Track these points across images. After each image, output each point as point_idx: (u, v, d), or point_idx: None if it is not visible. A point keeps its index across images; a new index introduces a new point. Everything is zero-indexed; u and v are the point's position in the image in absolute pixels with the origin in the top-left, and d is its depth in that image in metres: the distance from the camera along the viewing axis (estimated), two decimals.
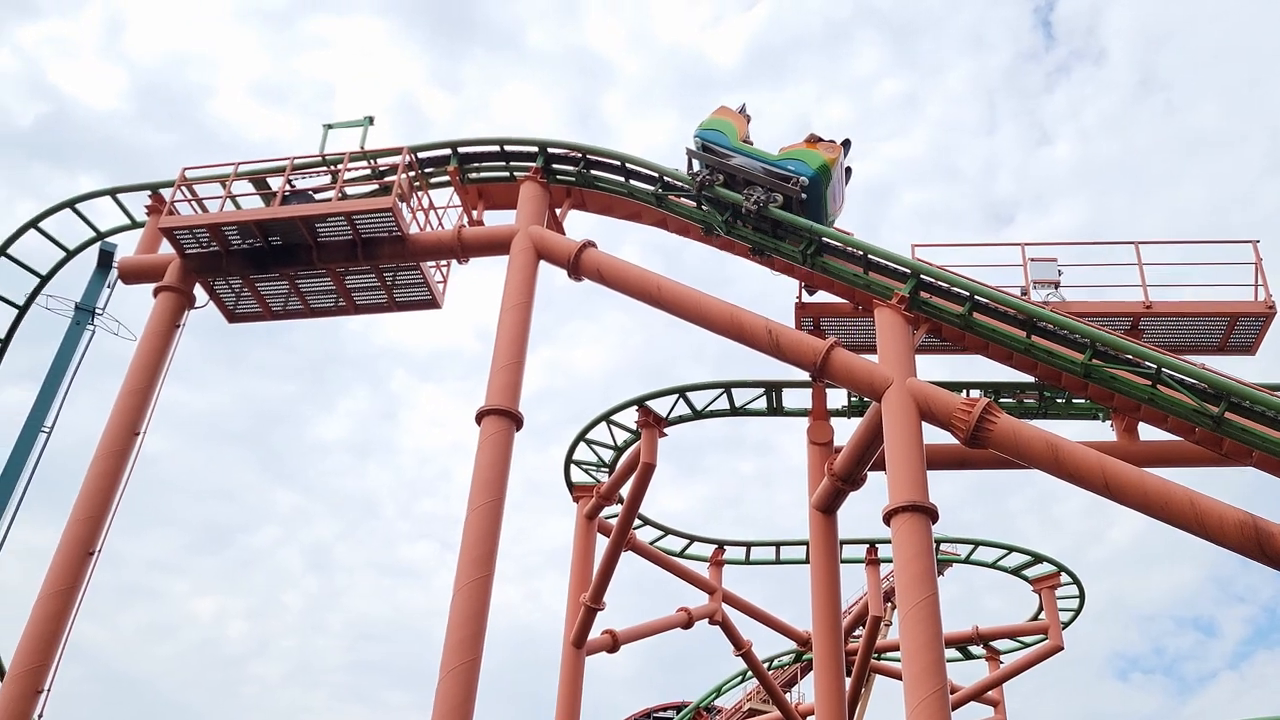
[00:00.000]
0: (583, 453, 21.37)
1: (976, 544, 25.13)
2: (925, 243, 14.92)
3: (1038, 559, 24.69)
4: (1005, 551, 24.97)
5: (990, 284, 14.02)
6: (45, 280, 18.75)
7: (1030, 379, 14.54)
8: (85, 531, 14.08)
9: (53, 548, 13.94)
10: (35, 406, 31.87)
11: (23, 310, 18.72)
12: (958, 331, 13.85)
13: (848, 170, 15.76)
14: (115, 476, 14.63)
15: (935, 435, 13.02)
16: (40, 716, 13.22)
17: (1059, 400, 17.29)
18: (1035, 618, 25.27)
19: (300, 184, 16.79)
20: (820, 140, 15.33)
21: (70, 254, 18.71)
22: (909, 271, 13.78)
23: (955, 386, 16.60)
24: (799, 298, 16.07)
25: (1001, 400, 17.21)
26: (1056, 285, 15.09)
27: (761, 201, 14.78)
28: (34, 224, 18.14)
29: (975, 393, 17.02)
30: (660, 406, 19.11)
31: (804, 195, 14.68)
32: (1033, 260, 15.28)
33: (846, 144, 15.50)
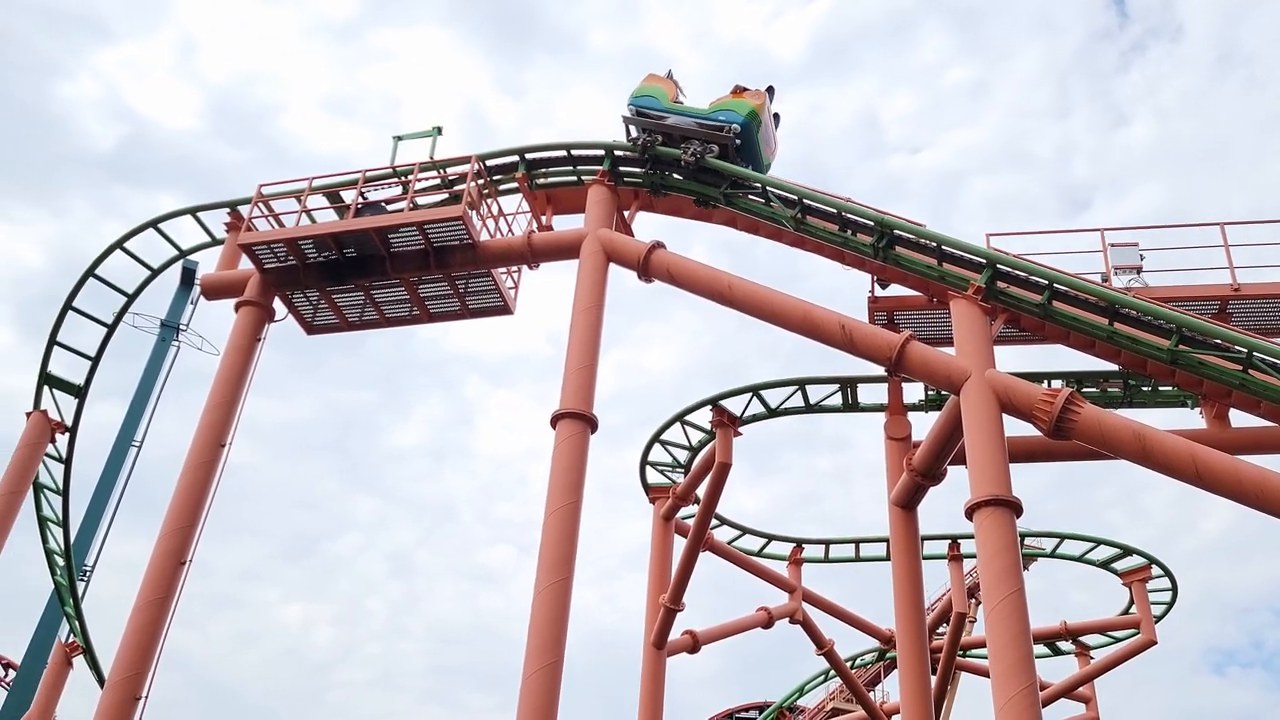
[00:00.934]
0: (657, 454, 21.38)
1: (1062, 537, 24.58)
2: (1000, 231, 14.66)
3: (1127, 551, 24.07)
4: (1093, 544, 24.37)
5: (1069, 271, 13.72)
6: (132, 299, 19.30)
7: (1114, 367, 14.17)
8: (177, 542, 14.47)
9: (144, 559, 14.35)
10: (125, 422, 32.93)
11: (111, 329, 19.28)
12: (1037, 321, 13.56)
13: (776, 116, 16.40)
14: (204, 488, 15.01)
15: (1016, 427, 12.78)
16: None
17: (1145, 388, 16.85)
18: (1126, 612, 24.62)
19: (372, 195, 17.08)
20: (745, 90, 16.05)
21: (155, 272, 19.24)
22: (984, 261, 13.53)
23: (1035, 377, 16.25)
24: (872, 292, 15.87)
25: (1084, 390, 16.81)
26: (1139, 270, 14.68)
27: (699, 153, 15.50)
28: (119, 244, 18.71)
29: (1056, 383, 16.64)
30: (734, 405, 19.04)
31: (738, 142, 15.47)
32: (1113, 245, 14.89)
33: (770, 90, 16.29)
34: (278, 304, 17.11)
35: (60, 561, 22.59)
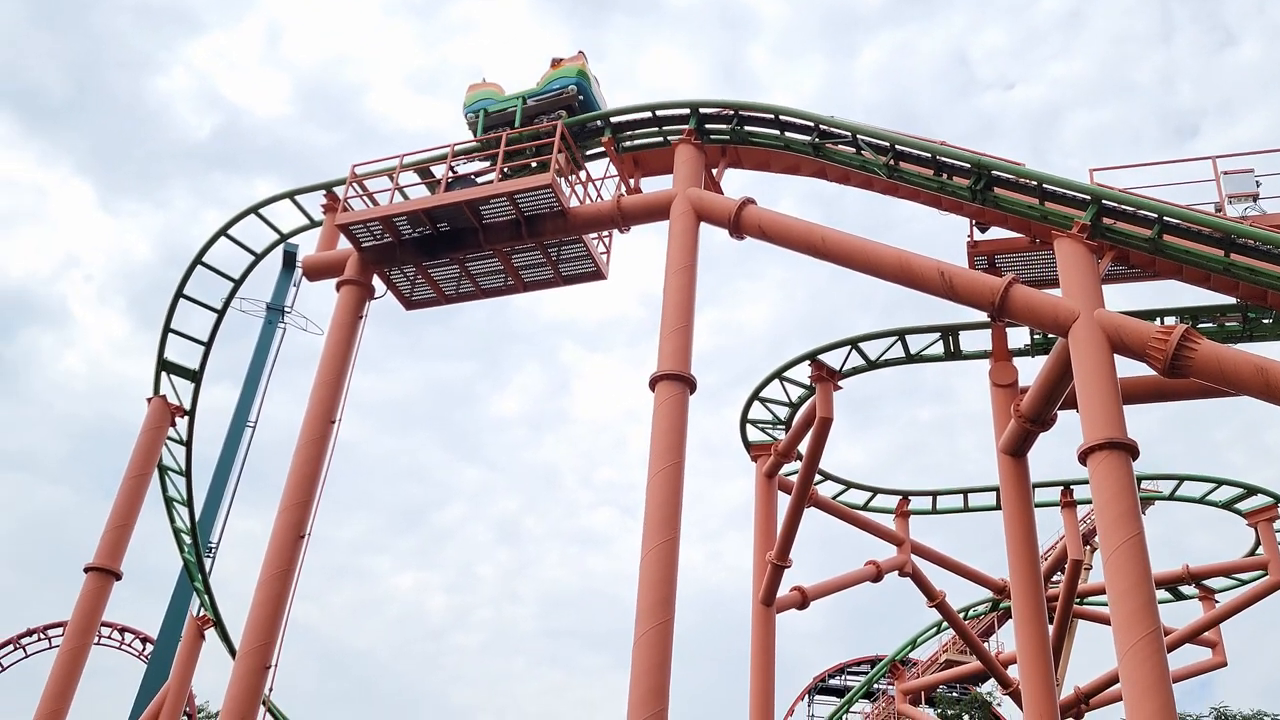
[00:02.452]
0: (757, 411, 21.29)
1: (1181, 479, 23.81)
2: (1104, 166, 14.13)
3: (1251, 490, 23.21)
4: (1214, 485, 23.56)
5: (1179, 203, 13.17)
6: (239, 284, 19.90)
7: (1231, 300, 13.60)
8: (295, 517, 14.97)
9: (264, 535, 14.89)
10: (239, 403, 34.16)
11: (221, 314, 19.92)
12: (1147, 257, 13.07)
13: (595, 78, 17.80)
14: (317, 463, 15.47)
15: (1127, 368, 12.38)
16: (270, 689, 14.18)
17: (1265, 320, 16.13)
18: (1252, 553, 23.79)
19: (462, 169, 17.27)
20: (562, 60, 17.61)
21: (258, 257, 19.80)
22: (1089, 198, 13.06)
23: (1146, 315, 15.72)
24: (970, 236, 15.50)
25: (1200, 325, 16.19)
26: (1255, 198, 14.03)
27: (555, 120, 16.94)
28: (223, 231, 19.29)
29: (1170, 320, 16.06)
30: (833, 359, 18.82)
31: (580, 98, 17.18)
32: (1226, 173, 14.23)
33: (582, 54, 17.78)
34: (377, 281, 17.46)
35: (187, 540, 23.59)
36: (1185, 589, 25.10)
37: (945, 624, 28.80)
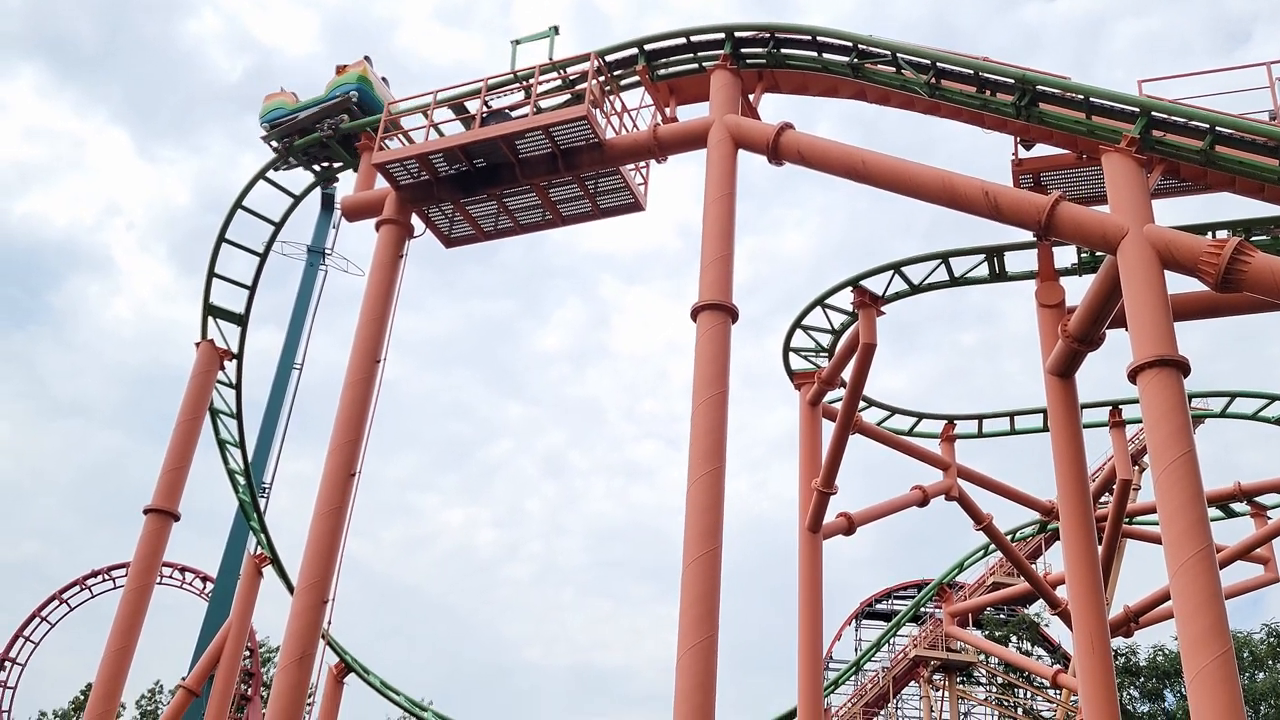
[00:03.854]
0: (800, 339, 21.18)
1: (1233, 395, 23.47)
2: (1152, 77, 13.71)
3: None
4: (1267, 401, 23.20)
5: (1232, 113, 12.78)
6: (279, 226, 20.05)
7: None
8: (346, 455, 15.21)
9: (314, 474, 15.16)
10: (285, 345, 34.64)
11: (264, 257, 20.10)
12: (1198, 169, 12.76)
13: (384, 79, 19.06)
14: (364, 403, 15.67)
15: (1176, 284, 12.14)
16: (329, 623, 14.55)
17: None
18: None
19: (496, 103, 17.13)
20: (346, 66, 18.90)
21: (297, 199, 19.90)
22: (1137, 110, 12.72)
23: (1196, 229, 15.35)
24: (1015, 154, 15.18)
25: (1253, 238, 15.80)
26: None
27: (333, 125, 18.33)
28: (262, 174, 19.38)
29: (1221, 234, 15.69)
30: (875, 284, 18.61)
31: (358, 102, 18.35)
32: None
33: (368, 59, 19.01)
34: (415, 220, 17.48)
35: (241, 480, 24.10)
36: (1237, 506, 24.88)
37: (993, 547, 28.85)
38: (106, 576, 44.84)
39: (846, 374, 19.25)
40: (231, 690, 24.02)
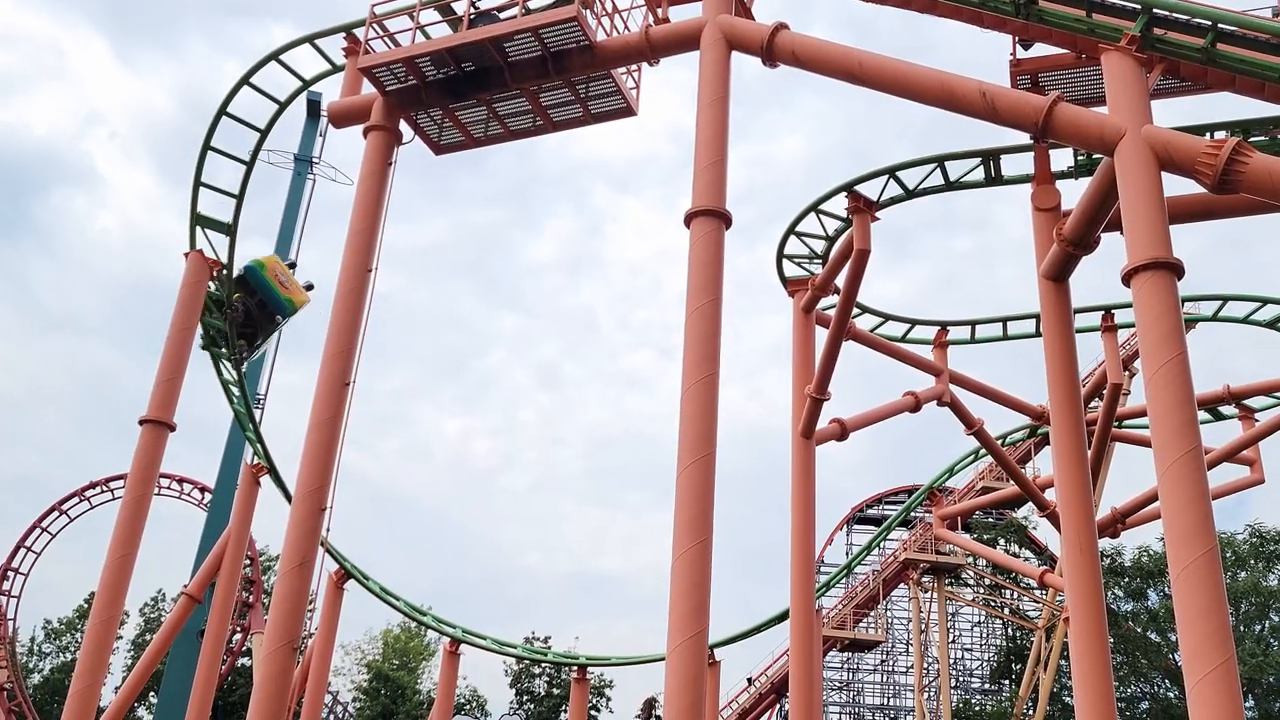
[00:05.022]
0: (793, 246, 21.10)
1: (1225, 299, 23.52)
2: None
3: None
4: (1258, 304, 23.25)
5: (1234, 9, 12.55)
6: (265, 134, 19.72)
7: None
8: (339, 365, 15.20)
9: (306, 388, 15.20)
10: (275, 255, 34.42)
11: (250, 165, 19.82)
12: (1198, 68, 12.56)
13: (291, 265, 23.07)
14: (356, 313, 15.60)
15: (1174, 187, 12.06)
16: (328, 531, 14.72)
17: None
18: None
19: (484, 4, 16.70)
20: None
21: (282, 105, 19.54)
22: (1139, 7, 12.46)
23: (1196, 130, 15.19)
24: (1013, 54, 14.94)
25: (1252, 139, 15.65)
26: None
27: (247, 304, 22.30)
28: (245, 80, 19.00)
29: (1220, 134, 15.52)
30: (870, 190, 18.46)
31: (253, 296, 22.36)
32: None
33: (292, 266, 22.89)
34: (404, 127, 17.18)
35: (235, 392, 24.14)
36: (1225, 409, 25.11)
37: (983, 451, 29.14)
38: (105, 488, 45.26)
39: (840, 280, 19.22)
40: (233, 596, 24.44)
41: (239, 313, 21.82)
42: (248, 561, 36.09)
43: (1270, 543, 46.62)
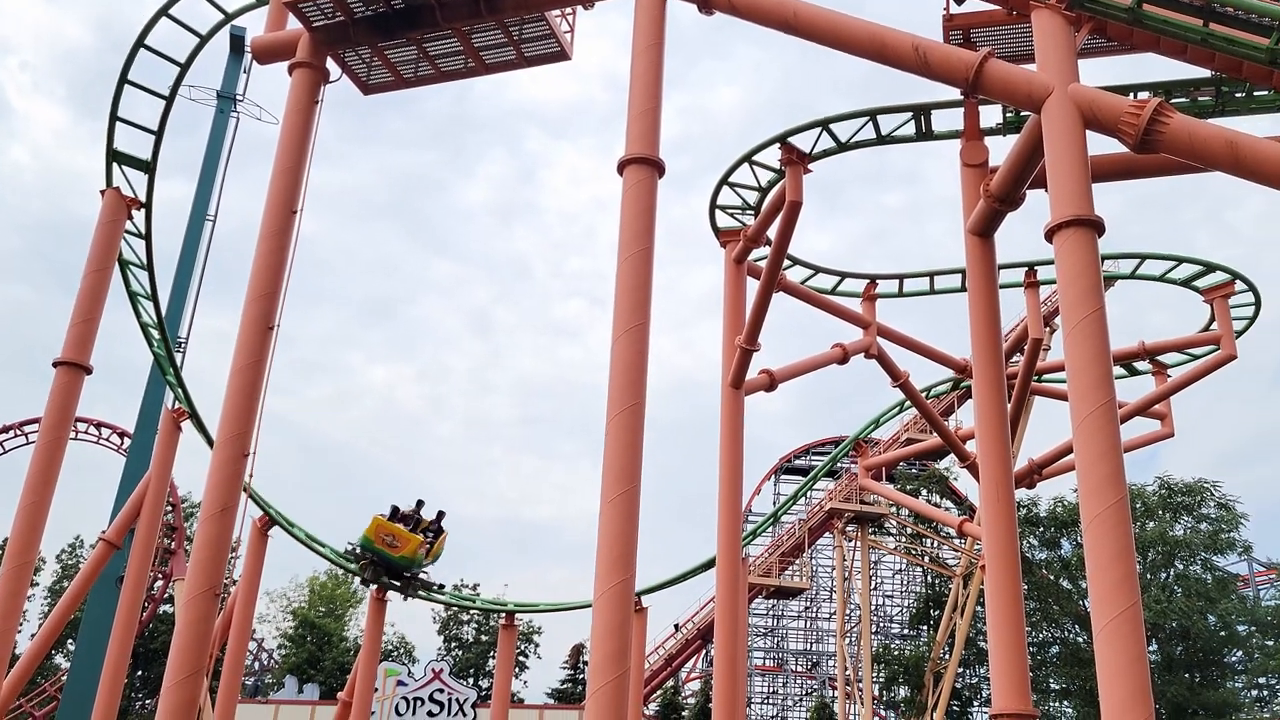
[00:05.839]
0: (726, 196, 21.09)
1: (1143, 257, 24.10)
2: None
3: (1210, 268, 23.59)
4: (1174, 263, 23.89)
5: None
6: (185, 68, 19.06)
7: (1206, 73, 13.36)
8: (262, 308, 14.87)
9: (232, 332, 14.84)
10: (197, 195, 33.46)
11: (169, 101, 19.16)
12: (1125, 28, 12.71)
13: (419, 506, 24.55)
14: (281, 255, 15.25)
15: (1099, 146, 12.26)
16: (250, 477, 14.50)
17: (1238, 94, 15.93)
18: (1206, 328, 24.40)
19: None
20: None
21: (204, 39, 18.89)
22: None
23: (1121, 90, 15.45)
24: (946, 9, 15.00)
25: (1174, 100, 15.97)
26: None
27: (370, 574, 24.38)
28: (164, 11, 18.32)
29: (1144, 95, 15.81)
30: (803, 142, 18.50)
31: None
32: None
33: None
34: (332, 64, 16.74)
35: (155, 334, 23.57)
36: (1140, 365, 25.86)
37: (908, 403, 29.67)
38: (18, 431, 44.10)
39: (772, 232, 19.29)
40: (153, 543, 24.02)
41: (380, 568, 24.11)
42: (169, 508, 35.51)
43: (1178, 494, 48.32)
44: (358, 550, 23.91)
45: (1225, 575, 49.95)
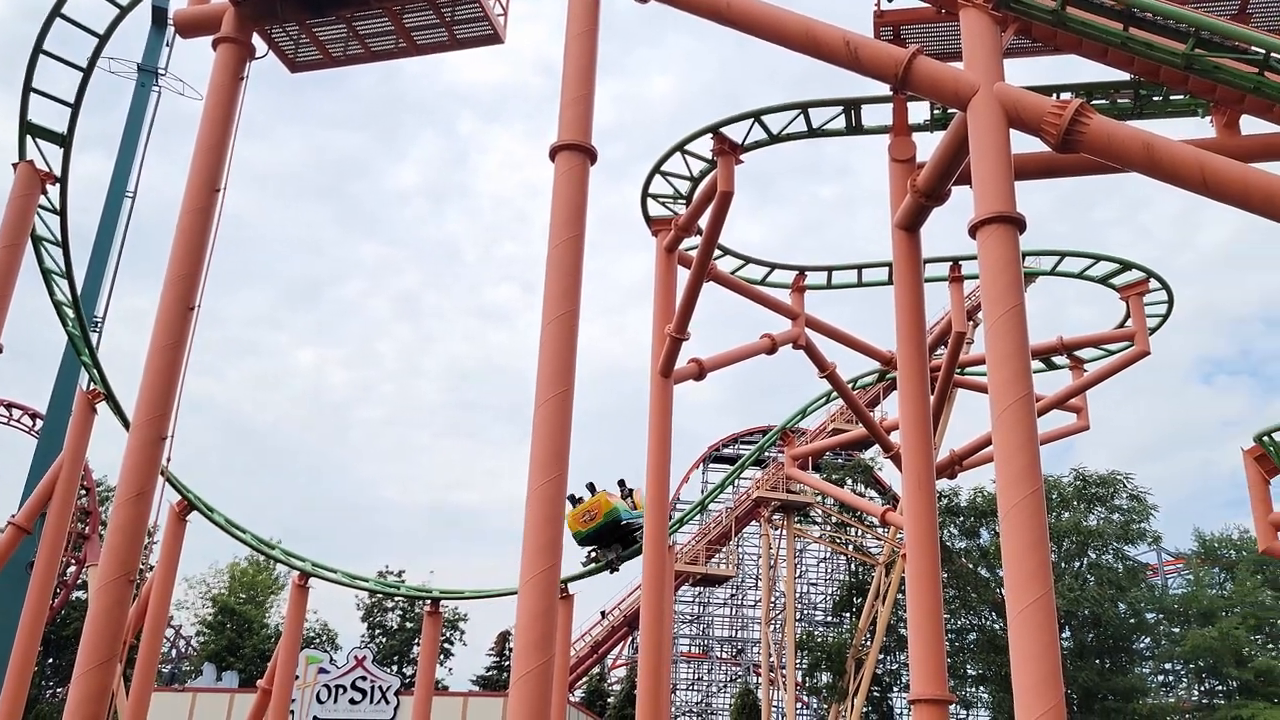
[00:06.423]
0: (659, 185, 21.11)
1: (1063, 254, 24.69)
2: None
3: (1126, 266, 24.23)
4: (1092, 261, 24.51)
5: None
6: (104, 39, 18.45)
7: (1125, 76, 13.71)
8: (183, 289, 14.52)
9: (153, 311, 14.46)
10: (115, 171, 32.51)
11: (87, 72, 18.53)
12: (1049, 30, 12.98)
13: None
14: (203, 233, 14.90)
15: (1023, 144, 12.52)
16: (168, 460, 14.18)
17: (1156, 98, 16.39)
18: (1122, 325, 25.10)
19: None
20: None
21: (124, 9, 18.30)
22: None
23: (1045, 91, 15.78)
24: (877, 5, 15.17)
25: (1094, 101, 16.38)
26: None
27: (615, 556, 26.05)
28: None
29: (1066, 95, 16.17)
30: (735, 133, 18.58)
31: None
32: None
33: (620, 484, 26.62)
34: (258, 40, 16.38)
35: (70, 313, 22.88)
36: (1058, 359, 26.49)
37: (834, 394, 30.01)
38: None
39: (703, 222, 19.36)
40: (65, 527, 23.36)
41: (608, 544, 25.81)
42: (83, 492, 34.59)
43: (1092, 485, 49.77)
44: (588, 552, 25.74)
45: (1136, 564, 51.62)
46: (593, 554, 26.01)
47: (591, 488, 26.09)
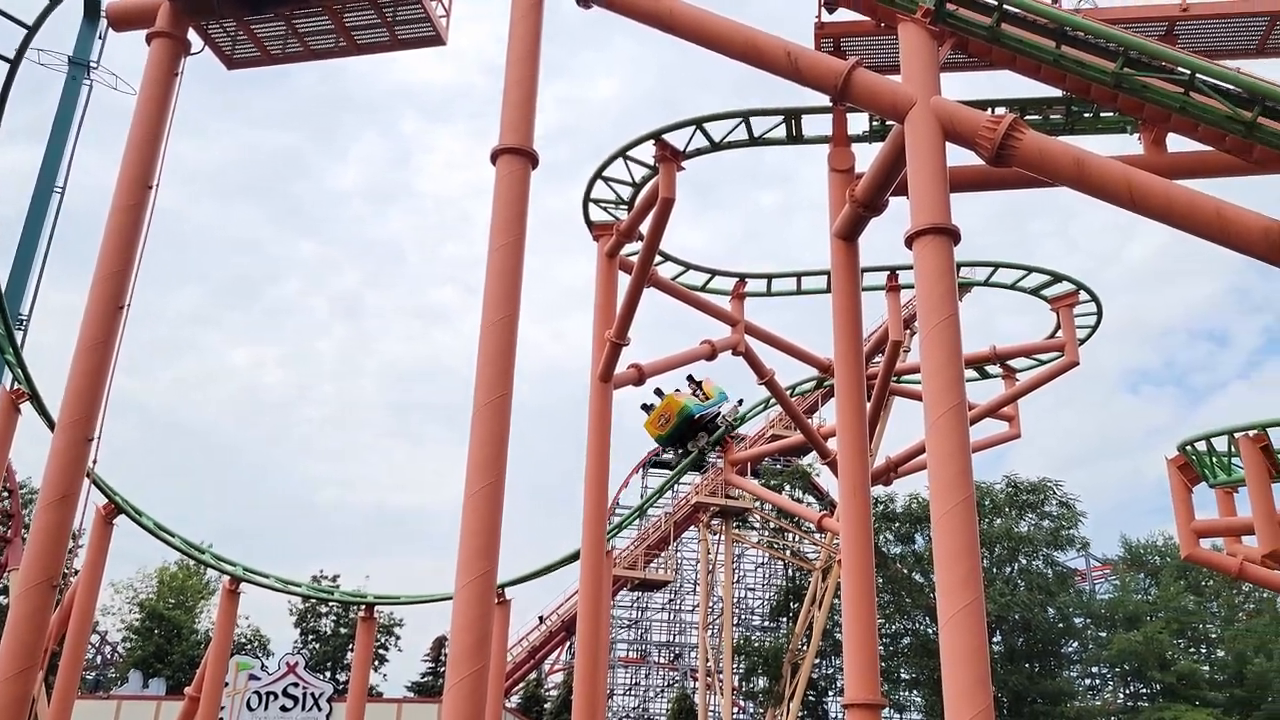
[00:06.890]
0: (601, 191, 21.11)
1: (996, 266, 25.14)
2: None
3: (1057, 278, 24.75)
4: (1024, 272, 24.99)
5: None
6: (33, 31, 18.09)
7: (1058, 93, 14.02)
8: (113, 286, 14.21)
9: (82, 308, 14.13)
10: (43, 165, 31.63)
11: (15, 64, 18.13)
12: (984, 46, 13.23)
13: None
14: (134, 230, 14.60)
15: (959, 157, 12.75)
16: (95, 462, 13.86)
17: (1086, 114, 16.77)
18: (1052, 335, 25.64)
19: None
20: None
21: (54, 1, 17.93)
22: None
23: (980, 105, 16.07)
24: (818, 17, 15.33)
25: (1028, 117, 16.70)
26: None
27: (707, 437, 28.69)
28: None
29: (1000, 110, 16.48)
30: (677, 139, 18.65)
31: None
32: None
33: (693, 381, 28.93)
34: (194, 36, 16.09)
35: None
36: (991, 368, 26.98)
37: (773, 400, 30.25)
38: None
39: (645, 227, 19.41)
40: None
41: (691, 437, 27.13)
42: (5, 494, 33.68)
43: (1023, 492, 50.72)
44: (681, 446, 27.12)
45: (1065, 570, 52.73)
46: (682, 448, 27.33)
47: (659, 393, 26.53)
